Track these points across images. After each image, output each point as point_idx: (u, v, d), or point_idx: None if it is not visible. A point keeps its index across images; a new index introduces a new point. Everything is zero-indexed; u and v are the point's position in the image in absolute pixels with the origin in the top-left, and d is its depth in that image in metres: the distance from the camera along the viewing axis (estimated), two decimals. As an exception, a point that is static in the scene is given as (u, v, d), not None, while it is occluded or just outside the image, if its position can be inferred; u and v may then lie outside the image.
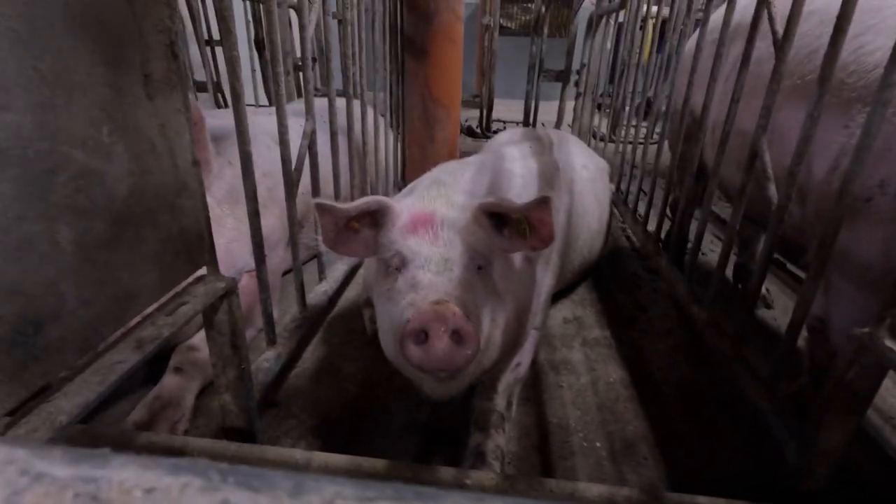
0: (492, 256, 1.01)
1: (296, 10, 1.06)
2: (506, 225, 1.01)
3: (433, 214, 0.97)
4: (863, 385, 0.73)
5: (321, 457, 0.77)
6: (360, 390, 1.36)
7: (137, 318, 0.66)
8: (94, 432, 0.79)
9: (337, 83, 1.50)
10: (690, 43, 1.72)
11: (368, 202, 0.92)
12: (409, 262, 0.93)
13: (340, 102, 1.55)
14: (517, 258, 1.17)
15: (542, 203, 0.91)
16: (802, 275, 1.32)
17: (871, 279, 0.87)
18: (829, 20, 0.86)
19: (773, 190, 1.02)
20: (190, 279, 0.78)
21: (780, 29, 1.01)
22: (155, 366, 1.27)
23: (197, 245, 0.75)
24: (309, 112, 1.15)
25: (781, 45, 0.99)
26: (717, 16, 1.54)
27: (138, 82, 0.60)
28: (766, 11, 1.07)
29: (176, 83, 0.67)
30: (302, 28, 1.07)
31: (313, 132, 1.16)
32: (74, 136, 0.51)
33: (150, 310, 0.68)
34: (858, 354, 0.71)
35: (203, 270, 0.79)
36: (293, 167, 1.08)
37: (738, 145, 1.27)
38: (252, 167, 0.90)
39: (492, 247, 1.00)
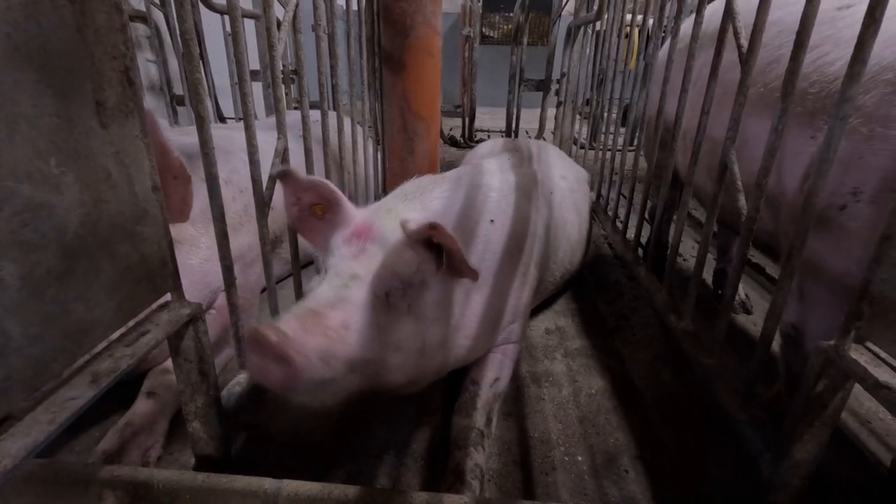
0: (419, 279, 0.97)
1: (268, 23, 1.05)
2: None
3: (370, 229, 0.97)
4: (832, 397, 0.73)
5: (291, 485, 0.75)
6: (341, 410, 1.34)
7: (98, 349, 0.65)
8: (54, 468, 0.76)
9: (316, 96, 1.50)
10: (662, 53, 1.74)
11: (322, 183, 0.94)
12: (326, 272, 0.95)
13: (318, 115, 1.54)
14: (464, 282, 1.12)
15: (432, 228, 0.84)
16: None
17: (846, 286, 0.88)
18: (788, 30, 0.88)
19: (742, 201, 1.03)
20: (153, 306, 0.76)
21: (744, 42, 1.03)
22: (129, 389, 1.24)
23: (160, 272, 0.73)
24: (281, 130, 1.14)
25: (746, 58, 1.01)
26: (686, 26, 1.56)
27: (90, 111, 0.59)
28: (730, 25, 1.08)
29: (132, 109, 0.65)
30: (271, 47, 1.06)
31: (286, 150, 1.15)
32: (18, 169, 0.50)
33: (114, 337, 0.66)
34: (826, 367, 0.71)
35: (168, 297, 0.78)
36: (264, 186, 1.07)
37: (709, 154, 1.28)
38: (219, 189, 0.89)
39: (422, 270, 0.97)
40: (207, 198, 1.43)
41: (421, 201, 1.17)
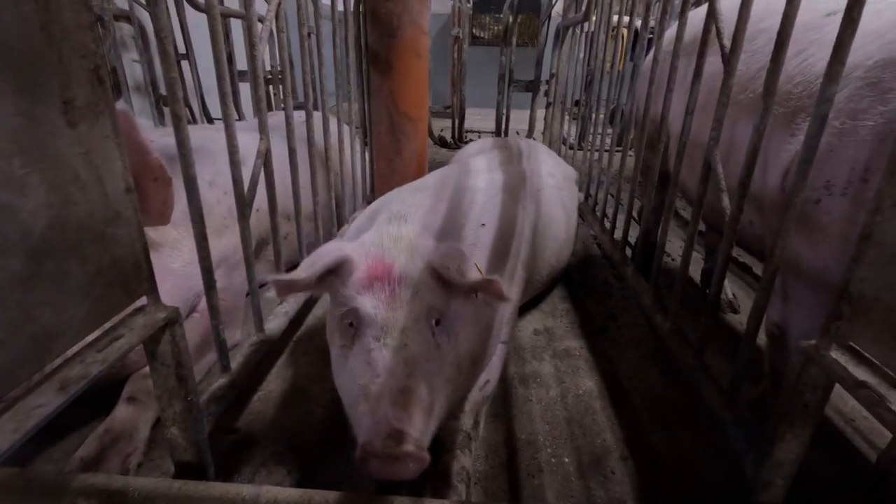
0: (449, 303, 0.98)
1: (249, 21, 1.04)
2: None
3: (391, 269, 0.94)
4: (813, 397, 0.73)
5: (270, 492, 0.74)
6: (327, 413, 1.32)
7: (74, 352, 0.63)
8: (25, 476, 0.74)
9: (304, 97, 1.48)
10: (649, 54, 1.75)
11: (326, 262, 0.89)
12: (364, 327, 0.92)
13: (303, 116, 1.52)
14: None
15: (490, 283, 0.90)
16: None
17: (825, 284, 0.88)
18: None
19: (726, 201, 1.03)
20: (128, 310, 0.74)
21: (727, 43, 1.03)
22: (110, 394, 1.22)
23: (134, 275, 0.72)
24: (263, 130, 1.13)
25: (729, 59, 1.01)
26: (672, 28, 1.57)
27: (57, 110, 0.57)
28: (713, 26, 1.09)
29: (103, 109, 0.64)
30: (252, 46, 1.05)
31: (268, 151, 1.13)
32: (-22, 170, 0.48)
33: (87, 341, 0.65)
34: (806, 367, 0.71)
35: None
36: (246, 188, 1.05)
37: (695, 156, 1.28)
38: (197, 190, 0.87)
39: (449, 296, 0.98)
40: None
41: (418, 219, 1.14)
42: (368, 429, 0.78)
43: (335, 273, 0.94)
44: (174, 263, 1.35)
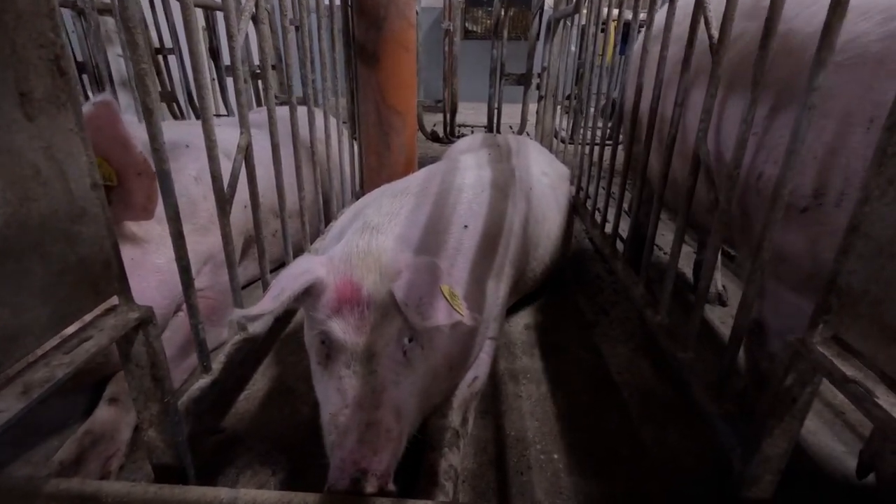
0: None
1: (227, 12, 1.00)
2: None
3: (359, 291, 0.92)
4: (801, 391, 0.72)
5: (248, 494, 0.72)
6: (313, 412, 1.30)
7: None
8: (-5, 482, 0.72)
9: (298, 91, 1.44)
10: (637, 45, 1.72)
11: (294, 290, 0.87)
12: (334, 351, 0.91)
13: (299, 111, 1.49)
14: None
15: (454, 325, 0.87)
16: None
17: (807, 277, 0.87)
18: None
19: (715, 194, 1.01)
20: (99, 311, 0.72)
21: (715, 33, 1.01)
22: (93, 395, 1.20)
23: (103, 274, 0.69)
24: (243, 124, 1.10)
25: (717, 48, 0.99)
26: (660, 17, 1.55)
27: (12, 102, 0.54)
28: (701, 16, 1.07)
29: (65, 101, 0.61)
30: (230, 37, 1.02)
31: (248, 146, 1.11)
32: (-76, 165, 0.45)
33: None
34: (794, 361, 0.70)
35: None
36: (226, 184, 1.03)
37: (682, 147, 1.27)
38: (172, 186, 0.85)
39: None
40: (176, 195, 1.39)
41: (391, 230, 1.11)
42: (336, 468, 0.81)
43: (307, 292, 0.93)
44: (159, 259, 1.33)
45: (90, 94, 2.60)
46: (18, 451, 1.13)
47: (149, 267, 1.29)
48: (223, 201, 1.02)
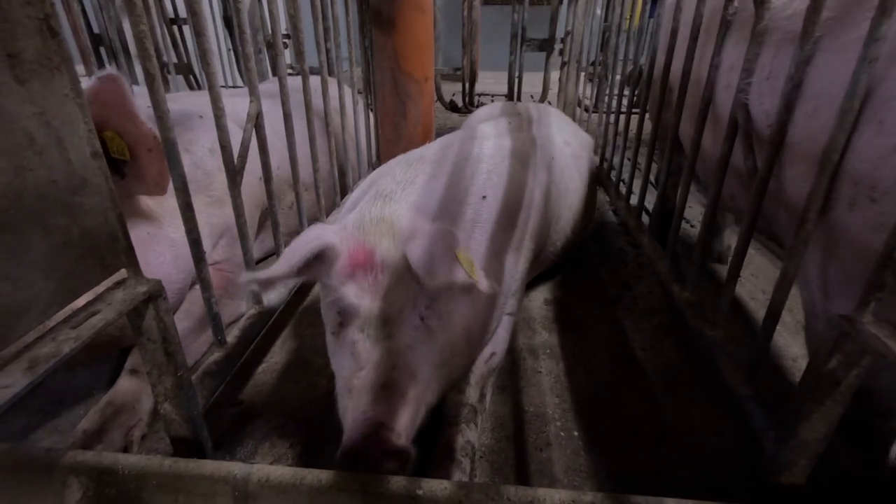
0: (438, 290, 0.93)
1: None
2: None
3: (372, 255, 0.89)
4: (845, 374, 0.66)
5: (262, 470, 0.71)
6: (331, 384, 1.29)
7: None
8: (15, 453, 0.72)
9: (314, 60, 1.39)
10: (669, 3, 1.61)
11: (304, 254, 0.84)
12: (348, 317, 0.89)
13: (314, 81, 1.44)
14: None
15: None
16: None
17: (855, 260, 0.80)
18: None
19: (755, 160, 0.94)
20: (108, 284, 0.70)
21: (759, -18, 0.92)
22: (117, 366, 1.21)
23: (109, 247, 0.67)
24: (253, 92, 1.06)
25: (760, 1, 0.90)
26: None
27: (2, 64, 0.51)
28: (745, -38, 0.97)
29: (59, 64, 0.58)
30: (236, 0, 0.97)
31: (259, 114, 1.07)
32: None
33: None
34: (840, 341, 0.64)
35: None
36: (236, 155, 1.00)
37: (717, 112, 1.18)
38: (178, 156, 0.82)
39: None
40: (189, 169, 1.37)
41: (405, 198, 1.07)
42: (350, 428, 0.78)
43: (320, 259, 0.90)
44: (175, 234, 1.32)
45: (107, 66, 2.59)
46: (44, 420, 1.15)
47: (164, 241, 1.29)
48: (233, 172, 0.99)
